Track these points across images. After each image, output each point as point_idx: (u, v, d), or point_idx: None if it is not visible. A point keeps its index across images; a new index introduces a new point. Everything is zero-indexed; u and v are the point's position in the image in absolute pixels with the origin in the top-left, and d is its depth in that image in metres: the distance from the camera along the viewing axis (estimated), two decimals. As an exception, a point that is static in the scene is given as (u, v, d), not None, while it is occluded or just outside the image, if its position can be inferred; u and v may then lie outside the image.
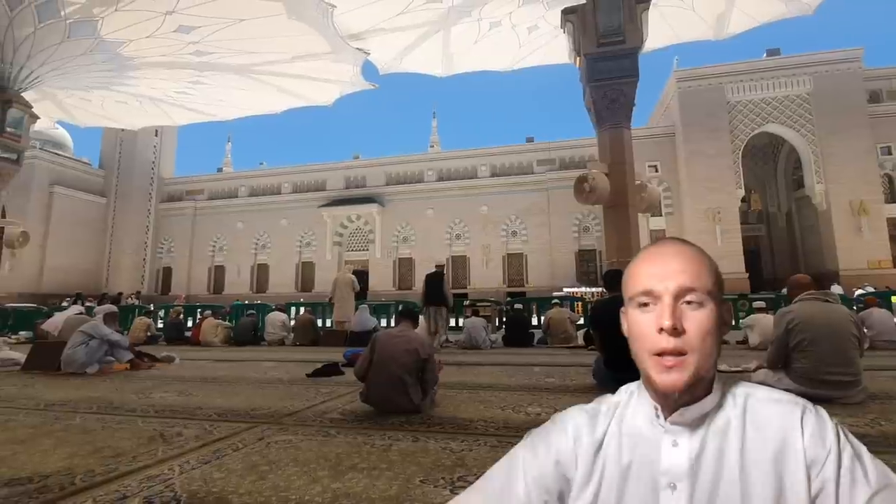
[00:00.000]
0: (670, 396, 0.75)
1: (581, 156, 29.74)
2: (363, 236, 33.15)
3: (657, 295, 0.77)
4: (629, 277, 0.83)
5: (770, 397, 0.77)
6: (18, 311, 13.69)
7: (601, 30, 10.98)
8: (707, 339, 0.75)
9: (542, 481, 0.81)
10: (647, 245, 0.86)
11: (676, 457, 0.75)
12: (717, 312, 0.77)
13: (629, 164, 10.40)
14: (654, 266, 0.80)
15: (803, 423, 0.72)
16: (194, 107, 22.70)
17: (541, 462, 0.82)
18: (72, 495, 1.97)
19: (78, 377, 5.52)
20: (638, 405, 0.83)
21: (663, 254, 0.81)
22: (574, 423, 0.84)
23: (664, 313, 0.75)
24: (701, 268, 0.79)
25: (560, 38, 15.59)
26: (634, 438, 0.80)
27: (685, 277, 0.77)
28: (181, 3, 14.51)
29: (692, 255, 0.81)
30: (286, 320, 10.75)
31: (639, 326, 0.79)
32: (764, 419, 0.74)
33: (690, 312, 0.76)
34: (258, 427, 3.07)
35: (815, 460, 0.69)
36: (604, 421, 0.83)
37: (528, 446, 0.86)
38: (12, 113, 16.29)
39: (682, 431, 0.76)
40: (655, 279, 0.78)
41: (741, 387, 0.80)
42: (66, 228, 31.98)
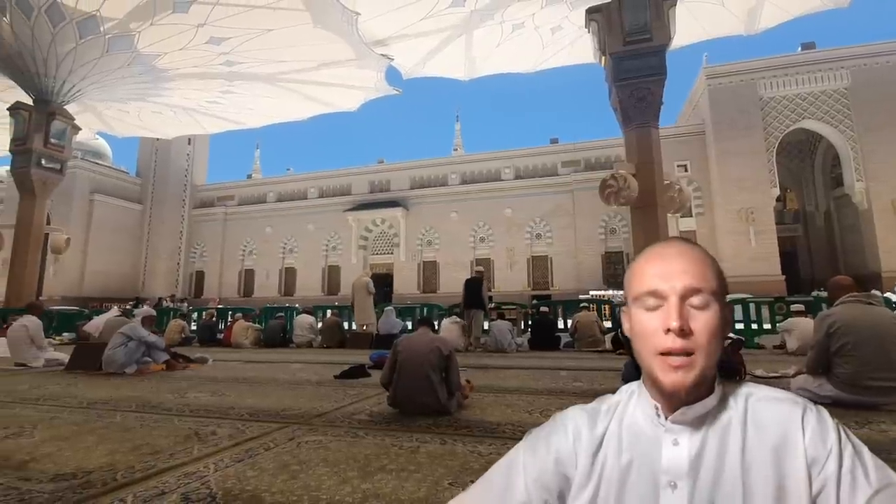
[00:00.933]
0: (674, 396, 0.75)
1: (607, 156, 29.27)
2: (388, 240, 33.43)
3: (663, 295, 0.77)
4: (633, 277, 0.83)
5: (771, 396, 0.77)
6: (61, 314, 14.33)
7: (627, 28, 10.83)
8: (712, 340, 0.75)
9: (542, 480, 0.81)
10: (651, 246, 0.86)
11: (677, 455, 0.75)
12: (721, 313, 0.77)
13: (657, 164, 10.19)
14: (658, 266, 0.80)
15: (804, 422, 0.72)
16: (225, 115, 23.43)
17: (541, 461, 0.82)
18: (113, 491, 2.04)
19: (117, 377, 5.75)
20: (638, 404, 0.82)
21: (668, 254, 0.81)
22: (574, 423, 0.85)
23: (672, 314, 0.75)
24: (706, 268, 0.79)
25: (584, 37, 15.44)
26: (635, 437, 0.80)
27: (691, 278, 0.77)
28: (212, 15, 15.02)
29: (697, 255, 0.81)
30: (314, 323, 10.93)
31: (643, 326, 0.78)
32: (765, 418, 0.74)
33: (696, 313, 0.76)
34: (289, 427, 3.13)
35: (815, 459, 0.69)
36: (604, 420, 0.84)
37: (528, 446, 0.86)
38: (56, 125, 17.17)
39: (683, 430, 0.76)
40: (661, 279, 0.78)
41: (742, 386, 0.80)
42: (106, 234, 33.39)
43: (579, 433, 0.83)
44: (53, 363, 6.92)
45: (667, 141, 19.70)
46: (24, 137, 16.63)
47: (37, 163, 16.54)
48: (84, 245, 31.57)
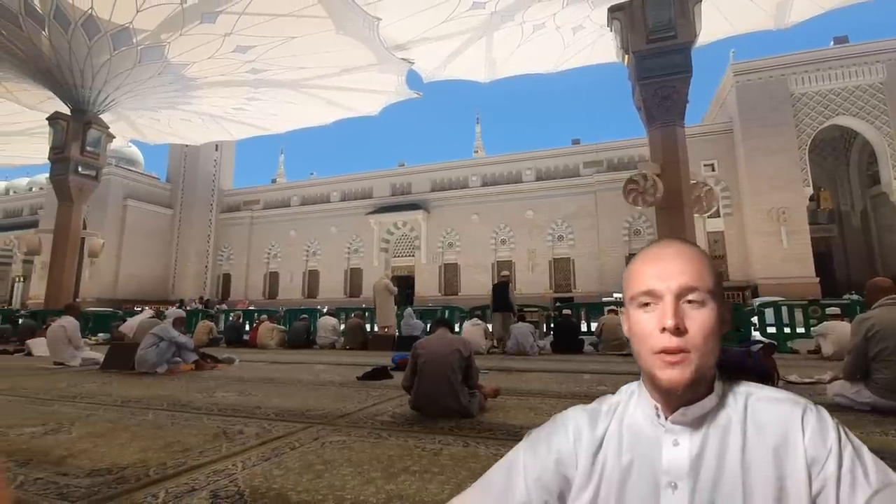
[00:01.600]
0: (672, 394, 0.75)
1: (630, 156, 28.79)
2: (409, 242, 33.61)
3: (659, 295, 0.77)
4: (630, 278, 0.83)
5: (770, 396, 0.77)
6: (97, 315, 14.88)
7: (651, 26, 10.65)
8: (709, 339, 0.75)
9: (542, 481, 0.81)
10: (647, 246, 0.86)
11: (677, 456, 0.75)
12: (718, 312, 0.77)
13: (683, 163, 9.97)
14: (655, 266, 0.80)
15: (804, 422, 0.72)
16: (250, 122, 23.99)
17: (541, 461, 0.82)
18: (146, 486, 2.10)
19: (149, 376, 5.93)
20: (638, 404, 0.82)
21: (664, 254, 0.81)
22: (574, 423, 0.85)
23: (667, 313, 0.75)
24: (702, 267, 0.79)
25: (606, 36, 15.26)
26: (635, 437, 0.80)
27: (687, 277, 0.77)
28: (238, 24, 15.41)
29: (693, 254, 0.81)
30: (336, 324, 11.06)
31: (640, 326, 0.79)
32: (765, 418, 0.74)
33: (692, 312, 0.76)
34: (313, 427, 3.18)
35: (815, 459, 0.69)
36: (604, 420, 0.84)
37: (529, 446, 0.86)
38: (92, 133, 17.88)
39: (683, 430, 0.76)
40: (657, 279, 0.78)
41: (742, 386, 0.80)
42: (138, 238, 34.56)
43: (580, 434, 0.83)
44: (89, 362, 7.19)
45: (693, 140, 19.28)
46: (62, 146, 17.38)
47: (74, 170, 17.25)
48: (118, 249, 32.75)
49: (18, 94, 19.69)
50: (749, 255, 25.00)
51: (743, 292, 23.16)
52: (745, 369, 4.79)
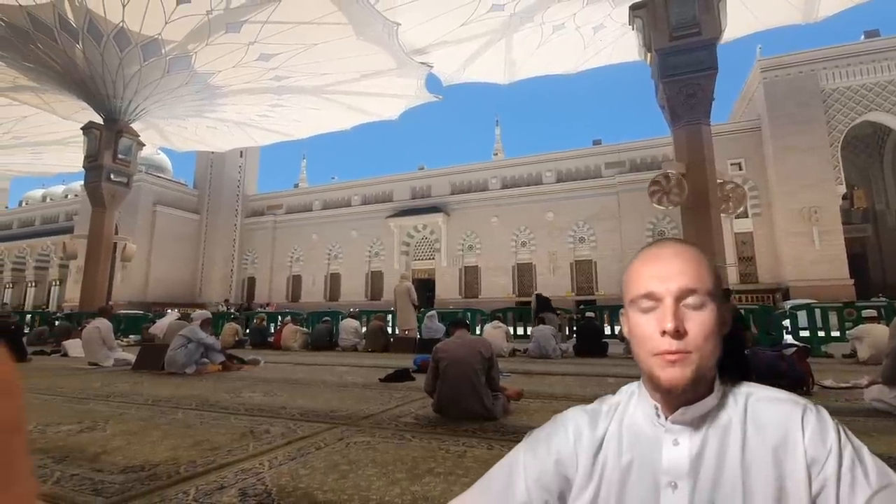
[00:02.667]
0: (672, 393, 0.75)
1: (653, 156, 28.30)
2: (429, 245, 33.71)
3: (658, 297, 0.77)
4: (629, 279, 0.83)
5: (771, 396, 0.77)
6: (128, 317, 15.36)
7: (674, 23, 10.46)
8: (709, 340, 0.75)
9: (542, 481, 0.81)
10: (645, 247, 0.86)
11: (677, 456, 0.75)
12: (717, 313, 0.77)
13: (709, 162, 9.74)
14: (654, 268, 0.80)
15: (804, 422, 0.71)
16: (274, 128, 24.47)
17: (541, 462, 0.82)
18: (177, 483, 2.15)
19: (178, 376, 6.08)
20: (638, 404, 0.82)
21: (663, 255, 0.81)
22: (574, 423, 0.85)
23: (666, 315, 0.75)
24: (701, 268, 0.79)
25: (628, 35, 15.05)
26: (635, 437, 0.80)
27: (686, 279, 0.77)
28: (262, 33, 15.75)
29: (691, 255, 0.80)
30: (358, 327, 11.15)
31: (640, 328, 0.79)
32: (765, 418, 0.74)
33: (692, 313, 0.76)
34: (338, 428, 3.20)
35: (815, 459, 0.69)
36: (604, 420, 0.83)
37: (529, 446, 0.86)
38: (123, 142, 18.50)
39: (683, 430, 0.76)
40: (656, 281, 0.78)
41: (742, 386, 0.80)
42: (167, 243, 35.59)
43: (580, 434, 0.83)
44: (122, 363, 7.42)
45: (719, 138, 18.81)
46: (95, 154, 18.03)
47: (107, 177, 17.88)
48: (148, 253, 33.78)
49: (55, 105, 20.56)
50: (779, 256, 24.24)
51: (773, 295, 22.47)
52: (779, 374, 4.63)
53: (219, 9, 14.58)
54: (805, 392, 4.40)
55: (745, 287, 24.34)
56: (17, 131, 24.28)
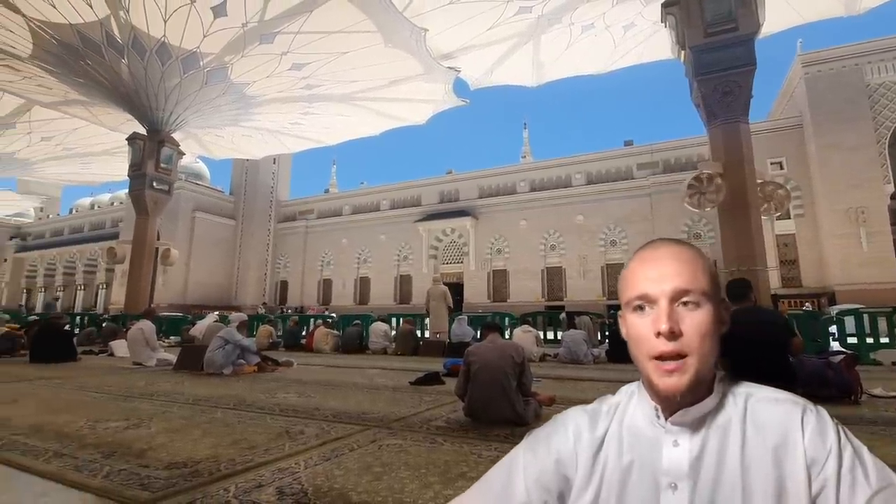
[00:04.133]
0: (672, 399, 0.75)
1: (688, 156, 27.52)
2: (457, 249, 33.74)
3: (653, 298, 0.77)
4: (624, 281, 0.83)
5: (770, 397, 0.77)
6: (169, 319, 16.00)
7: (708, 18, 10.15)
8: (705, 340, 0.75)
9: (542, 481, 0.81)
10: (641, 248, 0.86)
11: (677, 457, 0.75)
12: (714, 312, 0.77)
13: (748, 162, 9.38)
14: (648, 269, 0.80)
15: (804, 422, 0.71)
16: (305, 135, 25.05)
17: (541, 462, 0.82)
18: (218, 480, 2.22)
19: (216, 377, 6.29)
20: (638, 405, 0.82)
21: (657, 256, 0.81)
22: (575, 424, 0.85)
23: (661, 317, 0.75)
24: (696, 268, 0.79)
25: (660, 32, 14.69)
26: (635, 438, 0.80)
27: (680, 280, 0.77)
28: (294, 43, 16.19)
29: (687, 256, 0.80)
30: (388, 330, 11.25)
31: (636, 330, 0.79)
32: (764, 419, 0.74)
33: (687, 314, 0.76)
34: (370, 430, 3.24)
35: (815, 460, 0.69)
36: (604, 421, 0.84)
37: (529, 446, 0.86)
38: (164, 151, 19.32)
39: (683, 431, 0.76)
40: (651, 282, 0.78)
41: (742, 387, 0.80)
42: (205, 248, 36.94)
43: (580, 434, 0.83)
44: (164, 363, 7.72)
45: (758, 137, 18.10)
46: (139, 163, 18.89)
47: (149, 185, 18.69)
48: (187, 258, 35.12)
49: (102, 117, 21.69)
50: (824, 259, 23.09)
51: (818, 299, 21.40)
52: (826, 382, 4.43)
53: (253, 21, 15.07)
54: (853, 401, 4.18)
55: (788, 291, 23.30)
56: (67, 143, 25.77)
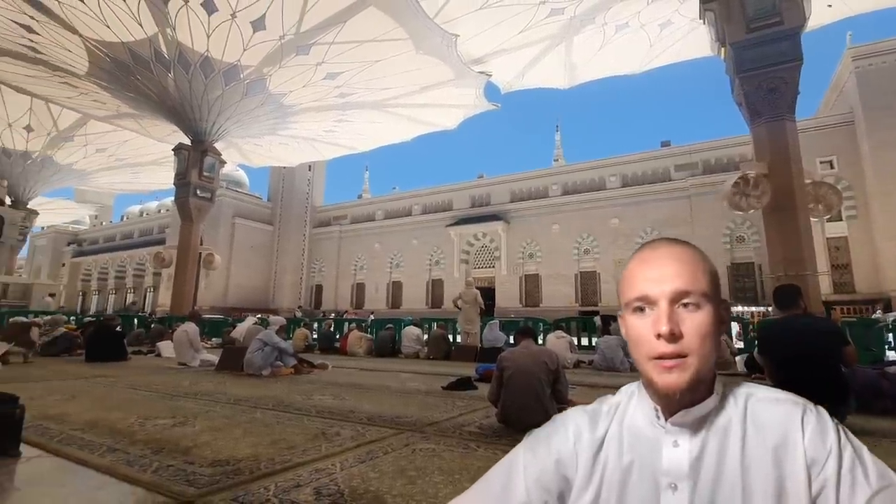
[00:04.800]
0: (672, 398, 0.75)
1: (729, 157, 26.48)
2: (489, 253, 33.62)
3: (653, 300, 0.77)
4: (624, 282, 0.83)
5: (770, 397, 0.77)
6: (211, 322, 16.63)
7: (750, 13, 9.77)
8: (706, 342, 0.75)
9: (542, 481, 0.81)
10: (640, 247, 0.85)
11: (677, 457, 0.75)
12: (714, 313, 0.77)
13: (795, 161, 8.94)
14: (648, 270, 0.80)
15: (804, 422, 0.71)
16: (339, 142, 25.61)
17: (541, 462, 0.82)
18: (258, 479, 2.29)
19: (255, 378, 6.49)
20: (638, 405, 0.82)
21: (657, 257, 0.81)
22: (575, 424, 0.85)
23: (661, 319, 0.75)
24: (696, 269, 0.78)
25: (698, 30, 14.26)
26: (635, 438, 0.80)
27: (680, 281, 0.77)
28: (328, 53, 16.62)
29: (687, 256, 0.80)
30: (420, 334, 11.32)
31: (636, 331, 0.79)
32: (765, 419, 0.74)
33: (687, 315, 0.76)
34: (403, 434, 3.26)
35: (815, 460, 0.69)
36: (605, 421, 0.84)
37: (529, 447, 0.86)
38: (207, 160, 20.19)
39: (683, 432, 0.76)
40: (651, 283, 0.78)
41: (742, 387, 0.80)
42: (244, 253, 38.27)
43: (580, 434, 0.83)
44: (206, 363, 8.04)
45: (806, 134, 17.28)
46: (184, 172, 19.82)
47: (193, 193, 19.57)
48: (228, 262, 36.46)
49: (150, 129, 22.90)
50: (880, 263, 21.70)
51: (873, 306, 20.09)
52: (880, 393, 4.22)
53: (290, 33, 15.59)
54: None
55: (840, 298, 21.99)
56: (119, 154, 27.35)
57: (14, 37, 16.01)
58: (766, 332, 4.07)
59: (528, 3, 15.08)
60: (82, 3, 14.10)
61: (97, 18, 14.68)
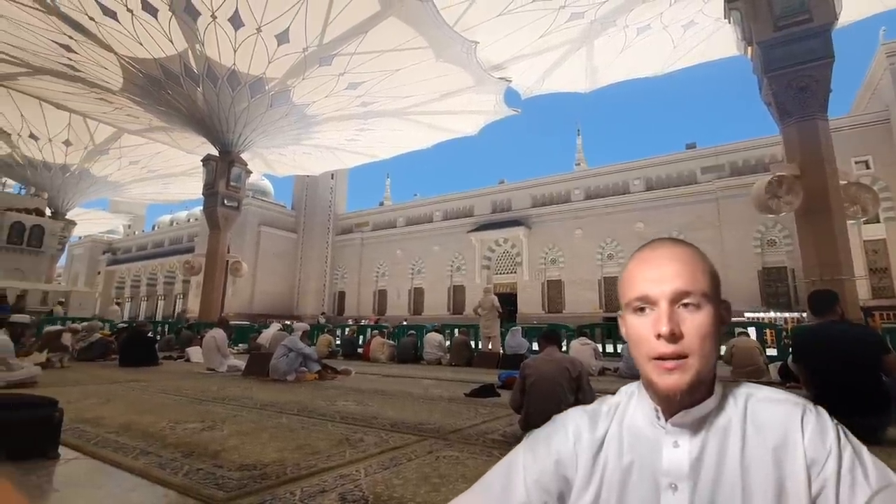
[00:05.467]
0: (670, 399, 0.75)
1: (758, 158, 25.72)
2: (510, 259, 33.42)
3: (653, 300, 0.77)
4: (624, 282, 0.83)
5: (770, 397, 0.77)
6: (237, 328, 17.00)
7: (777, 11, 9.53)
8: (706, 342, 0.75)
9: (542, 482, 0.81)
10: (640, 249, 0.85)
11: (677, 457, 0.75)
12: (714, 314, 0.77)
13: (828, 162, 8.64)
14: (648, 270, 0.80)
15: (804, 423, 0.71)
16: (361, 150, 25.97)
17: (541, 463, 0.82)
18: (285, 483, 2.32)
19: (280, 383, 6.60)
20: (638, 405, 0.82)
21: (657, 257, 0.81)
22: (575, 424, 0.84)
23: (661, 319, 0.75)
24: (696, 269, 0.79)
25: (723, 29, 13.99)
26: (635, 439, 0.80)
27: (681, 281, 0.77)
28: (350, 63, 16.92)
29: (687, 256, 0.80)
30: (442, 341, 11.32)
31: (637, 332, 0.79)
32: (764, 419, 0.74)
33: (688, 315, 0.76)
34: (427, 441, 3.26)
35: (815, 460, 0.69)
36: (604, 421, 0.83)
37: (529, 447, 0.86)
38: (234, 170, 20.74)
39: (683, 432, 0.76)
40: (651, 284, 0.78)
41: (742, 387, 0.79)
42: (269, 260, 39.04)
43: (580, 435, 0.83)
44: (233, 369, 8.21)
45: (839, 134, 16.69)
46: (212, 183, 20.41)
47: (221, 203, 20.13)
48: (253, 270, 37.23)
49: (180, 141, 23.71)
50: (924, 266, 20.67)
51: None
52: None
53: (313, 45, 15.94)
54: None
55: (880, 303, 21.01)
56: (151, 165, 28.40)
57: (55, 56, 16.84)
58: (801, 339, 3.92)
59: (548, 8, 15.05)
60: (117, 22, 14.74)
61: (131, 36, 15.33)
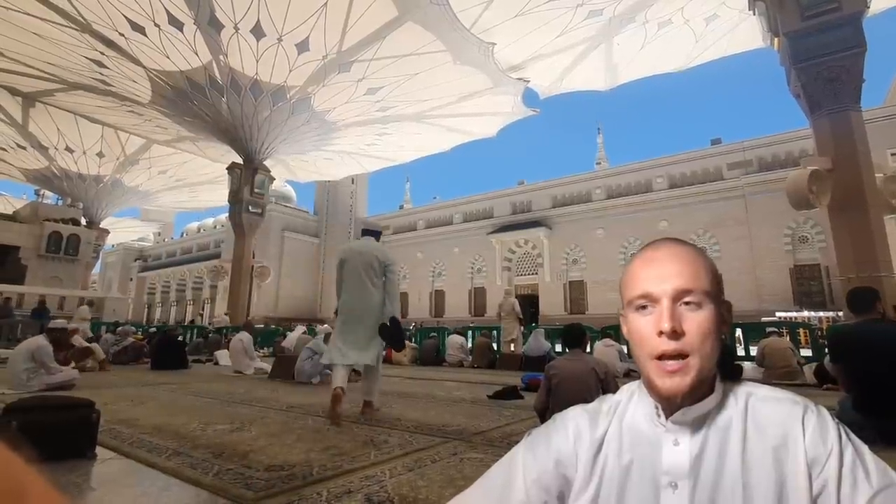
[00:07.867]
0: (671, 400, 0.75)
1: (787, 152, 24.95)
2: (531, 260, 33.19)
3: (655, 298, 0.78)
4: (626, 281, 0.84)
5: (771, 396, 0.76)
6: (263, 331, 17.33)
7: (805, 1, 9.22)
8: (707, 340, 0.75)
9: (541, 481, 0.81)
10: (643, 248, 0.86)
11: (677, 456, 0.75)
12: (716, 313, 0.77)
13: (863, 155, 8.32)
14: (650, 269, 0.80)
15: (805, 422, 0.71)
16: (380, 154, 26.21)
17: (541, 462, 0.82)
18: (311, 484, 2.35)
19: (305, 385, 6.69)
20: (638, 404, 0.82)
21: (659, 256, 0.82)
22: (575, 423, 0.84)
23: (663, 316, 0.76)
24: (698, 268, 0.79)
25: (748, 21, 13.63)
26: (635, 437, 0.80)
27: (682, 279, 0.77)
28: (369, 69, 17.12)
29: (688, 255, 0.81)
30: (464, 343, 11.31)
31: (639, 329, 0.79)
32: (765, 418, 0.74)
33: (689, 314, 0.76)
34: (451, 443, 3.26)
35: (816, 459, 0.68)
36: (605, 420, 0.83)
37: (528, 446, 0.86)
38: (258, 178, 21.21)
39: (684, 431, 0.76)
40: (652, 282, 0.78)
41: (743, 386, 0.79)
42: (292, 265, 39.73)
43: (580, 434, 0.83)
44: (260, 371, 8.38)
45: (874, 125, 16.05)
46: (237, 190, 20.92)
47: (246, 209, 20.60)
48: (278, 274, 37.94)
49: (206, 150, 24.38)
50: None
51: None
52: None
53: (332, 53, 16.19)
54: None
55: (923, 300, 20.03)
56: (179, 174, 29.30)
57: (88, 72, 17.56)
58: (839, 338, 3.77)
59: (565, 7, 14.94)
60: (145, 36, 15.28)
61: (158, 50, 15.86)
